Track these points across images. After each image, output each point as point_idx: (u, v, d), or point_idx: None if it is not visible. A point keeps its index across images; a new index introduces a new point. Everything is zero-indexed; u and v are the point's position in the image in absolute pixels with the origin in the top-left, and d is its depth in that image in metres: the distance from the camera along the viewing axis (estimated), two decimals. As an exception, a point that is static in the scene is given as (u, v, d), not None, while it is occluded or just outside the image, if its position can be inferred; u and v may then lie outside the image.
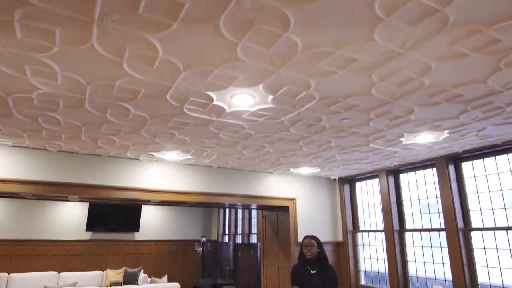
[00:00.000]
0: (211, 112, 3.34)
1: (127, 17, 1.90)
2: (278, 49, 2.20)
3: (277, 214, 7.05)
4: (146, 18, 1.90)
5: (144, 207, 10.44)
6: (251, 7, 1.81)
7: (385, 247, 6.00)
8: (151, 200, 5.82)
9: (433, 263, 5.36)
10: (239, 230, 10.41)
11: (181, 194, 5.65)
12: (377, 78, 2.62)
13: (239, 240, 10.31)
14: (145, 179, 5.44)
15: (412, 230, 5.76)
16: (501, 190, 4.61)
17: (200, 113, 3.37)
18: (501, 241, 4.53)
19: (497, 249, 4.55)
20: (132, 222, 10.15)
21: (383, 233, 6.14)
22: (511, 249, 4.41)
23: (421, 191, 5.72)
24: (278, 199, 6.46)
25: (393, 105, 3.15)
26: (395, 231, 5.86)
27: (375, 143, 4.43)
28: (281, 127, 3.78)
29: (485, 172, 4.82)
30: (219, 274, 9.90)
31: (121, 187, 5.24)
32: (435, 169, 5.35)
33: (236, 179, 6.15)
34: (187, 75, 2.56)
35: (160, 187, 5.51)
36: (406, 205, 5.95)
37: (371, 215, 6.62)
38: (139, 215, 10.25)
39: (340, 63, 2.39)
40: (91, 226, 9.65)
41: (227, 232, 11.10)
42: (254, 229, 9.65)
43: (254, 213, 9.63)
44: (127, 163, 5.37)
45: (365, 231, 6.67)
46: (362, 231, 6.74)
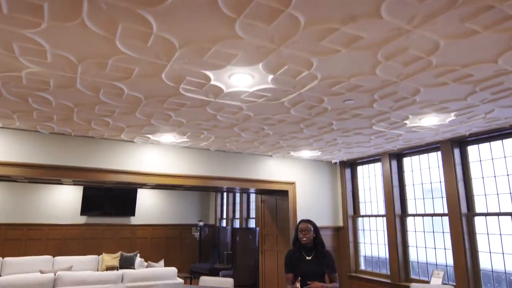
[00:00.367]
0: (208, 93, 3.30)
1: (119, -10, 1.84)
2: (279, 25, 2.15)
3: (276, 198, 7.09)
4: (139, -9, 1.85)
5: (140, 191, 10.49)
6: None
7: (386, 232, 6.06)
8: (147, 183, 5.84)
9: (434, 248, 5.42)
10: (237, 215, 10.50)
11: (177, 177, 5.66)
12: (382, 57, 2.58)
13: (237, 224, 10.40)
14: (140, 162, 5.43)
15: (414, 215, 5.80)
16: (507, 175, 4.62)
17: (196, 94, 3.33)
18: (505, 226, 4.57)
19: (501, 234, 4.60)
20: (127, 206, 10.22)
21: (384, 218, 6.19)
22: (515, 235, 4.45)
23: (424, 175, 5.74)
24: (277, 183, 6.48)
25: (399, 85, 3.11)
26: (396, 216, 5.91)
27: (378, 126, 4.41)
28: (281, 108, 3.75)
29: (491, 156, 4.82)
30: (216, 259, 10.04)
31: (115, 170, 5.23)
32: (439, 152, 5.35)
33: (234, 162, 6.15)
34: (183, 53, 2.52)
35: (156, 170, 5.51)
36: (408, 189, 5.98)
37: (372, 199, 6.66)
38: (135, 199, 10.31)
39: (344, 41, 2.35)
40: (85, 210, 9.72)
41: (224, 216, 11.20)
42: (253, 214, 9.73)
43: (253, 197, 9.69)
44: (121, 145, 5.35)
45: (366, 216, 6.73)
46: (362, 216, 6.79)
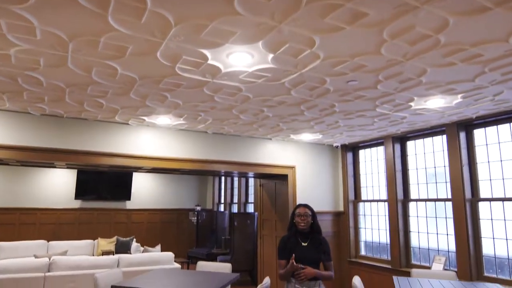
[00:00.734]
0: (206, 73, 3.25)
1: (110, -39, 1.78)
2: (280, 1, 2.10)
3: (275, 182, 7.11)
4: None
5: (136, 175, 10.52)
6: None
7: (387, 217, 6.10)
8: (142, 167, 5.82)
9: (436, 234, 5.47)
10: (235, 199, 10.55)
11: (174, 161, 5.65)
12: (388, 35, 2.53)
13: (235, 209, 10.47)
14: (135, 145, 5.41)
15: (417, 200, 5.83)
16: (513, 159, 4.62)
17: (193, 74, 3.28)
18: (510, 212, 4.59)
19: (505, 220, 4.63)
20: (123, 191, 10.27)
21: (386, 202, 6.22)
22: (519, 220, 4.48)
23: (428, 159, 5.74)
24: (276, 167, 6.48)
25: (404, 65, 3.07)
26: (399, 201, 5.94)
27: (382, 108, 4.38)
28: (281, 89, 3.71)
29: (498, 139, 4.81)
30: (214, 244, 10.15)
31: (109, 153, 5.21)
32: (444, 136, 5.33)
33: (233, 145, 6.13)
34: (178, 30, 2.46)
35: (151, 153, 5.49)
36: (411, 174, 5.99)
37: (374, 184, 6.68)
38: (131, 183, 10.35)
39: (349, 18, 2.29)
40: (80, 194, 9.76)
41: (222, 201, 11.26)
42: (251, 198, 9.78)
43: (251, 181, 9.72)
44: (116, 128, 5.31)
45: (367, 200, 6.76)
46: (364, 201, 6.83)
